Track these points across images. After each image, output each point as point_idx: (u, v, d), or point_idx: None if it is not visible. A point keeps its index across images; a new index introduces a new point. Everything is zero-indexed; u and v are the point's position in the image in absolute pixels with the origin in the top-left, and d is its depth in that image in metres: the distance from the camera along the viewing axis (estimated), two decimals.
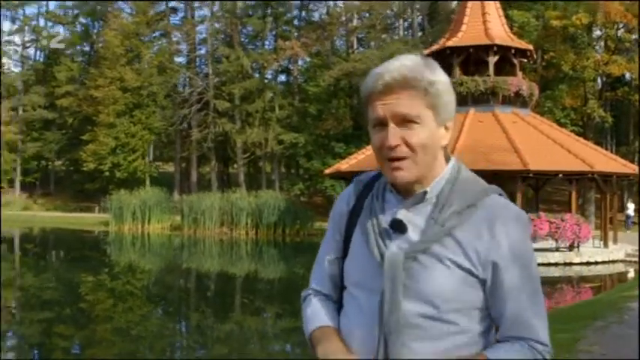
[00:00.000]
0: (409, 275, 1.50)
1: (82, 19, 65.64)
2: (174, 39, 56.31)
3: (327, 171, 28.35)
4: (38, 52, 67.23)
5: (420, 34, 49.46)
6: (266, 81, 50.79)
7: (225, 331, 11.78)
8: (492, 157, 22.35)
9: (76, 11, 65.64)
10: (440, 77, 1.53)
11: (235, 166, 53.06)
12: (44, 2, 66.34)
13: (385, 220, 1.57)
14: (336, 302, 1.71)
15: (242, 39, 52.84)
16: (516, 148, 22.50)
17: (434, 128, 1.53)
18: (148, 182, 48.55)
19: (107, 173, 48.98)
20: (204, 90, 49.12)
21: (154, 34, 57.16)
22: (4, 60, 66.13)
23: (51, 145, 57.83)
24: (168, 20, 57.03)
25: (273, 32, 52.93)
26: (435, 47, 28.16)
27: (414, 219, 1.55)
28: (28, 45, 67.16)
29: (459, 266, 1.49)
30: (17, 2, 65.01)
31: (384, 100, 1.50)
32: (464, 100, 25.28)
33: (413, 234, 1.54)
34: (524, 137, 23.22)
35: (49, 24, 66.93)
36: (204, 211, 33.42)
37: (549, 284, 16.25)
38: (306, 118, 43.77)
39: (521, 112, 25.63)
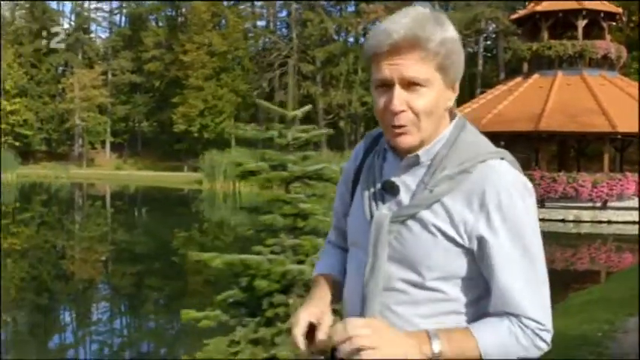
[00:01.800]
0: (397, 239, 1.45)
1: None
2: (257, 3, 58.37)
3: None
4: (124, 19, 70.10)
5: None
6: (349, 44, 52.36)
7: None
8: (580, 119, 23.21)
9: None
10: (451, 34, 1.42)
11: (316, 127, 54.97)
12: None
13: (380, 180, 1.52)
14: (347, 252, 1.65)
15: (323, 3, 54.56)
16: (604, 110, 23.27)
17: (441, 90, 1.43)
18: (233, 143, 50.99)
19: (196, 134, 51.87)
20: (289, 53, 51.16)
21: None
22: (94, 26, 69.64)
23: (139, 108, 60.98)
24: None
25: None
26: (523, 12, 29.04)
27: (408, 181, 1.48)
28: (115, 12, 70.52)
29: (446, 235, 1.41)
30: None
31: (390, 60, 1.39)
32: (552, 63, 26.26)
33: (405, 197, 1.47)
34: (611, 99, 23.89)
35: None
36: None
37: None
38: None
39: (608, 74, 26.22)
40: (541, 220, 1.59)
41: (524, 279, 1.41)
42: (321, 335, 1.45)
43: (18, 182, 43.95)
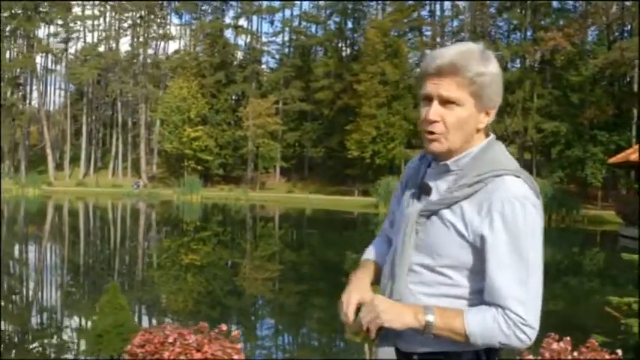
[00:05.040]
0: (422, 230, 1.75)
1: (335, 18, 70.39)
2: (427, 33, 58.64)
3: (613, 160, 28.07)
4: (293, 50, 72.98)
5: None
6: (525, 71, 51.10)
7: None
8: None
9: (329, 10, 70.52)
10: (490, 69, 1.70)
11: None
12: (298, 2, 71.74)
13: (419, 182, 1.84)
14: None
15: (494, 31, 53.81)
16: None
17: (473, 113, 1.70)
18: (403, 168, 51.19)
19: (368, 160, 52.78)
20: None
21: (406, 30, 59.86)
22: (265, 59, 73.22)
23: (309, 134, 63.01)
24: (419, 14, 59.44)
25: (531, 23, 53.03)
26: None
27: (440, 185, 1.77)
28: (286, 44, 73.75)
29: (457, 231, 1.69)
30: (278, 5, 71.51)
31: (433, 80, 1.69)
32: None
33: (435, 197, 1.76)
34: None
35: (305, 24, 72.57)
36: None
37: None
38: (567, 107, 43.34)
39: None
40: None
41: (514, 278, 1.64)
42: (363, 313, 1.76)
43: (202, 203, 46.96)
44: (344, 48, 69.65)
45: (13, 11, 67.58)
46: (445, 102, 1.69)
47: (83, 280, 13.72)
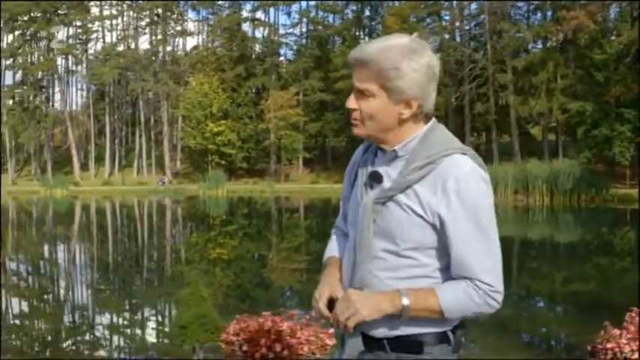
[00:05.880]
0: (380, 217, 1.80)
1: (352, 7, 70.02)
2: (445, 17, 58.30)
3: None
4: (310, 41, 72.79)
5: None
6: (547, 51, 50.77)
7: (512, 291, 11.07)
8: None
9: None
10: (405, 64, 1.74)
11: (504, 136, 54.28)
12: None
13: (369, 171, 1.89)
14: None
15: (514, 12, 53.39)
16: None
17: (387, 104, 1.77)
18: None
19: None
20: (485, 65, 50.77)
21: (425, 15, 59.39)
22: (284, 51, 73.18)
23: (330, 125, 62.85)
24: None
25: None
26: None
27: (390, 171, 1.83)
28: (304, 35, 73.59)
29: (416, 213, 1.75)
30: None
31: (354, 71, 1.81)
32: None
33: (387, 184, 1.81)
34: None
35: (322, 14, 72.28)
36: (499, 179, 34.50)
37: None
38: (592, 86, 42.74)
39: None
40: None
41: (478, 249, 1.73)
42: (339, 309, 1.80)
43: (227, 197, 47.21)
44: (362, 36, 69.22)
45: (32, 14, 68.26)
46: (360, 92, 1.79)
47: (113, 277, 13.82)
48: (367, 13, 69.77)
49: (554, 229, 23.32)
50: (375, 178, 1.85)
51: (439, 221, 1.73)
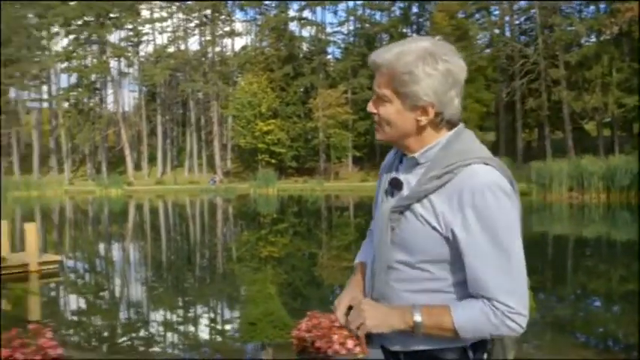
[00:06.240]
0: (397, 226, 1.73)
1: (399, 4, 69.56)
2: (495, 12, 57.50)
3: None
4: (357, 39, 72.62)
5: None
6: (601, 45, 49.58)
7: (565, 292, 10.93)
8: None
9: None
10: (421, 69, 1.67)
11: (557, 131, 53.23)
12: None
13: (390, 178, 1.84)
14: None
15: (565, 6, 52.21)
16: None
17: (401, 110, 1.71)
18: None
19: None
20: (536, 60, 49.93)
21: (474, 11, 58.63)
22: (331, 49, 73.09)
23: None
24: None
25: None
26: None
27: (410, 179, 1.76)
28: (352, 33, 73.47)
29: (430, 225, 1.67)
30: None
31: (375, 75, 1.76)
32: None
33: (405, 192, 1.75)
34: None
35: (369, 11, 72.03)
36: (553, 176, 33.85)
37: None
38: None
39: None
40: None
41: (494, 267, 1.62)
42: (351, 317, 1.79)
43: (278, 196, 47.60)
44: (410, 33, 68.70)
45: (85, 19, 69.95)
46: (379, 97, 1.74)
47: (166, 275, 14.06)
48: (415, 9, 69.29)
49: (611, 227, 22.71)
50: (395, 185, 1.79)
51: (452, 236, 1.65)
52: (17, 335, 4.65)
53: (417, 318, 1.67)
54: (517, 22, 59.27)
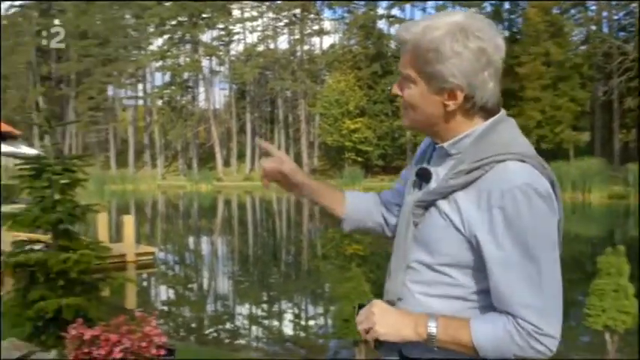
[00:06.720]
0: (420, 222, 1.57)
1: (491, 1, 68.03)
2: (592, 7, 55.39)
3: None
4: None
5: None
6: None
7: None
8: None
9: None
10: (449, 46, 1.47)
11: None
12: None
13: (418, 168, 1.66)
14: (382, 206, 1.94)
15: None
16: None
17: (426, 92, 1.52)
18: (571, 152, 48.57)
19: (534, 145, 50.49)
20: (636, 57, 47.71)
21: (569, 6, 56.69)
22: None
23: None
24: None
25: None
26: None
27: (440, 171, 1.58)
28: None
29: (455, 226, 1.49)
30: None
31: (401, 53, 1.57)
32: None
33: (433, 185, 1.57)
34: None
35: (459, 9, 70.73)
36: None
37: None
38: None
39: None
40: None
41: (521, 280, 1.43)
42: (360, 317, 1.61)
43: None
44: (501, 30, 67.10)
45: (179, 19, 72.14)
46: (404, 77, 1.56)
47: (252, 269, 14.27)
48: (507, 6, 67.48)
49: None
50: (424, 177, 1.61)
51: (475, 240, 1.47)
52: (124, 322, 4.81)
53: (432, 330, 1.50)
54: (615, 17, 56.62)
